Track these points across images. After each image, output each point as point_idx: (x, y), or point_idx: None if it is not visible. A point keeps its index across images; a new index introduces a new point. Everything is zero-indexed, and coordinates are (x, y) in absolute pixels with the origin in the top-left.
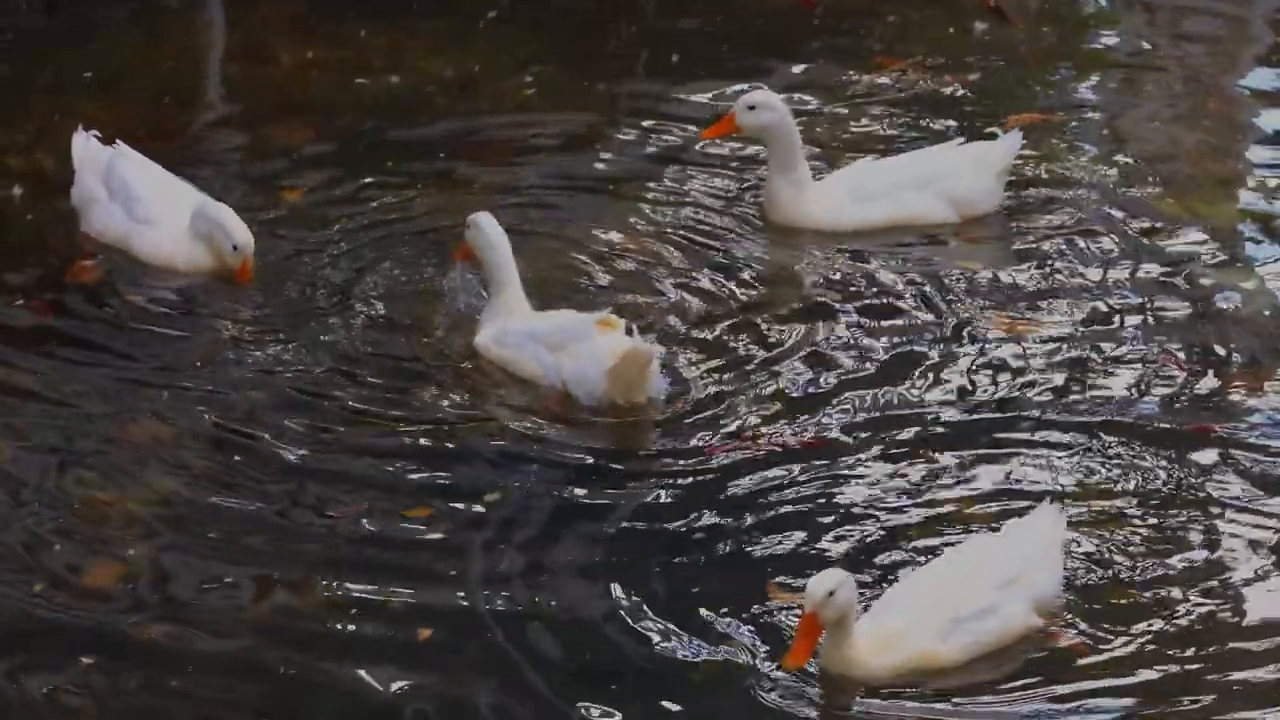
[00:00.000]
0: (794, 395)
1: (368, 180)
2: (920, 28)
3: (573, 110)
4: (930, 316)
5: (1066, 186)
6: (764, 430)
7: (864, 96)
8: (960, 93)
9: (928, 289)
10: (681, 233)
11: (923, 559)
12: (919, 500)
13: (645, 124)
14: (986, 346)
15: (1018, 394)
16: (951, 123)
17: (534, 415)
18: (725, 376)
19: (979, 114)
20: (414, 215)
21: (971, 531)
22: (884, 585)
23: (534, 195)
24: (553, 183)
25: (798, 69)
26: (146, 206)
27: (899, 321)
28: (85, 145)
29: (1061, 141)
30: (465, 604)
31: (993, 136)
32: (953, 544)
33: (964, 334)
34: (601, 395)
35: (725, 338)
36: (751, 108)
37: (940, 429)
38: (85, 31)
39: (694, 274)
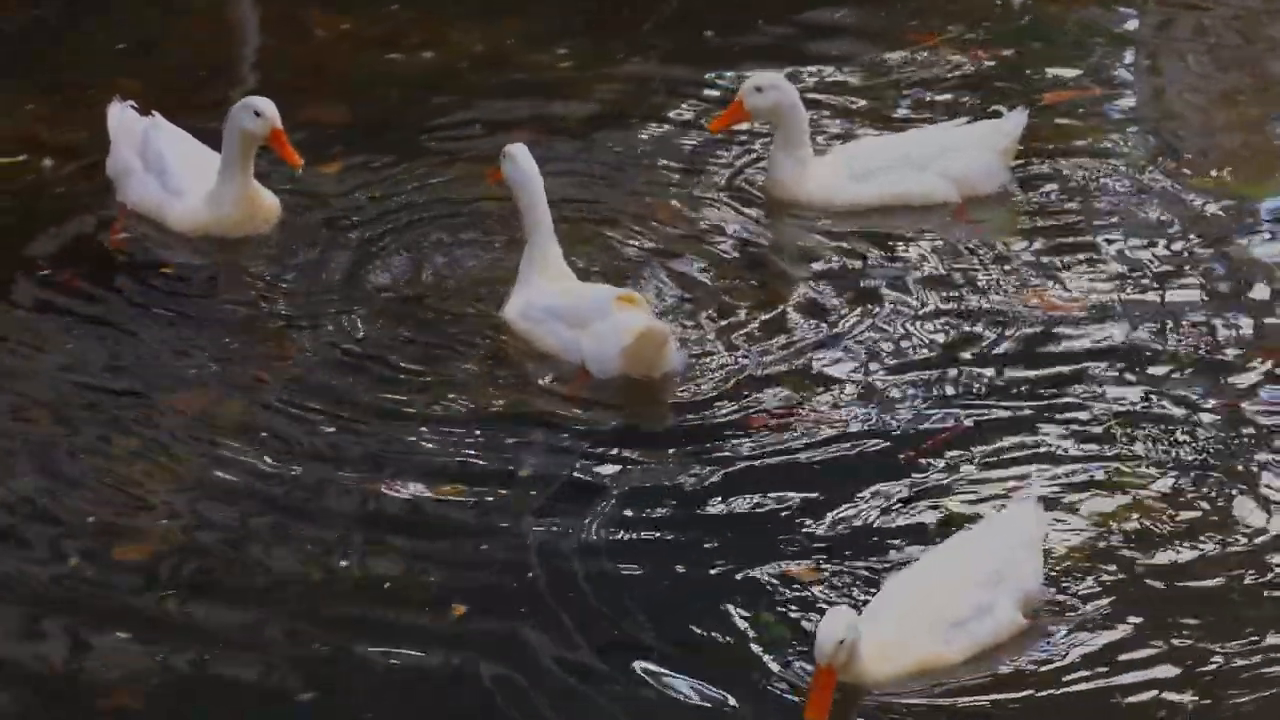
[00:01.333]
0: (828, 372)
1: (400, 155)
2: (956, 2)
3: (605, 84)
4: (963, 293)
5: (1101, 162)
6: (803, 404)
7: (895, 72)
8: (993, 69)
9: (959, 264)
10: (702, 209)
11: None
12: (954, 479)
13: (676, 99)
14: (1019, 321)
15: (1051, 369)
16: (978, 99)
17: (560, 391)
18: (752, 351)
19: (1011, 90)
20: (446, 190)
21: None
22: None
23: (564, 170)
24: (582, 159)
25: (830, 44)
26: (180, 177)
27: (932, 297)
28: (121, 115)
29: (1098, 117)
30: (498, 580)
31: (998, 115)
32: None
33: (996, 310)
34: (616, 372)
35: (745, 315)
36: (759, 89)
37: (977, 404)
38: (118, 2)
39: (710, 250)
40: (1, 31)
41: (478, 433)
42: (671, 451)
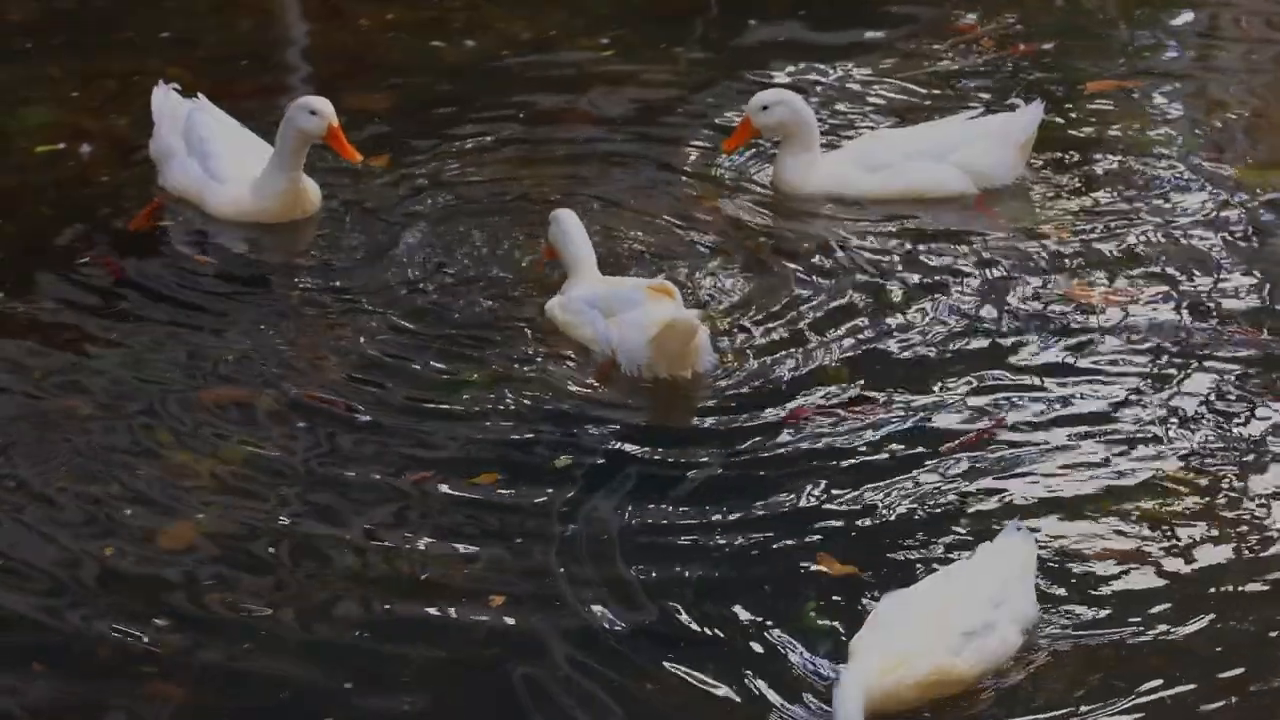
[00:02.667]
0: (871, 364)
1: (443, 144)
2: None
3: (650, 73)
4: (1005, 286)
5: (1144, 154)
6: (851, 396)
7: (936, 64)
8: (1034, 60)
9: (996, 257)
10: (735, 203)
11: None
12: (1006, 475)
13: (718, 88)
14: (1060, 314)
15: (1093, 363)
16: (1018, 91)
17: (595, 382)
18: (787, 344)
19: (1053, 81)
20: (489, 180)
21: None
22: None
23: (604, 160)
24: (622, 150)
25: (873, 35)
26: (222, 162)
27: (972, 290)
28: (165, 98)
29: (1141, 109)
30: (534, 570)
31: (1012, 108)
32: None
33: (1037, 304)
34: (644, 365)
35: (779, 309)
36: (765, 107)
37: (1020, 401)
38: None
39: (741, 244)
40: (48, 18)
41: (512, 423)
42: (711, 442)
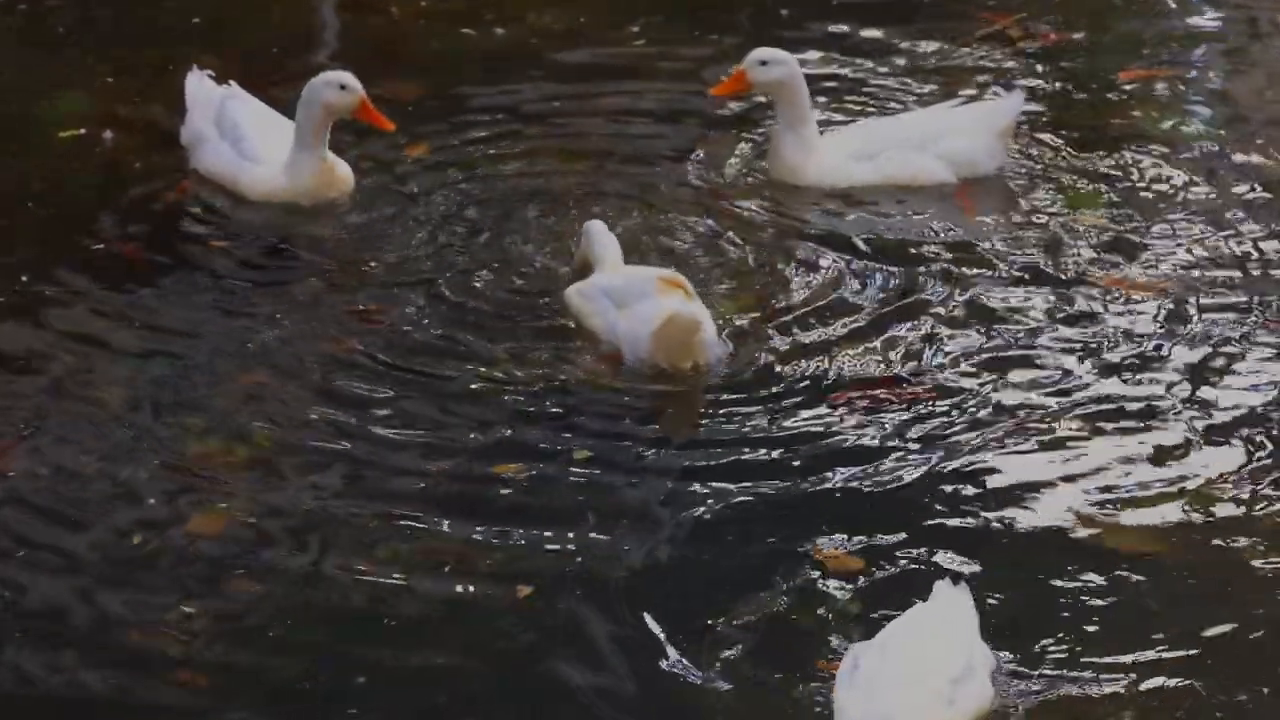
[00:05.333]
0: (898, 351)
1: (473, 132)
2: None
3: (680, 64)
4: (1031, 275)
5: (1171, 144)
6: (891, 382)
7: (965, 53)
8: (1064, 48)
9: (1023, 246)
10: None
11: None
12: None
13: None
14: (1090, 305)
15: (1125, 354)
16: (1047, 80)
17: (601, 371)
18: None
19: (1081, 71)
20: (517, 169)
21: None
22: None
23: (631, 154)
24: (650, 140)
25: (904, 24)
26: (255, 145)
27: (998, 278)
28: (199, 84)
29: (1168, 99)
30: (563, 561)
31: (995, 96)
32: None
33: (1067, 293)
34: (647, 358)
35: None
36: (764, 63)
37: (1056, 391)
38: None
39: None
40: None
41: (539, 409)
42: (733, 429)
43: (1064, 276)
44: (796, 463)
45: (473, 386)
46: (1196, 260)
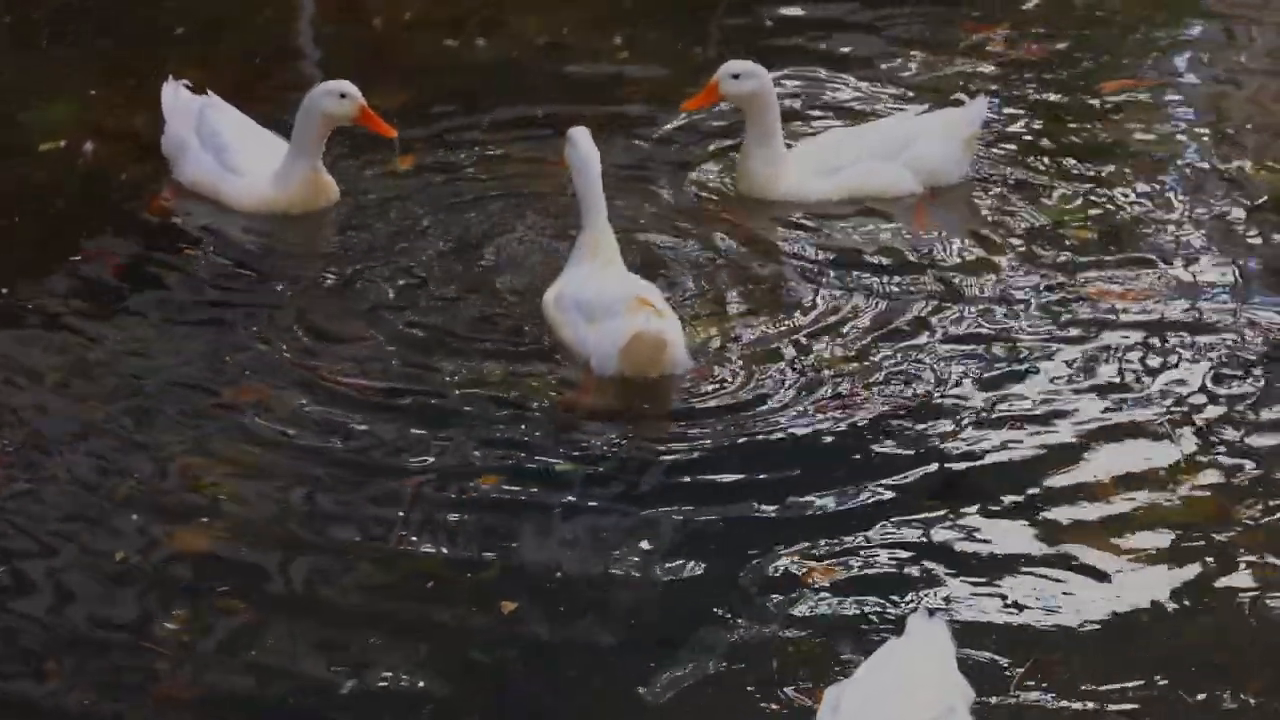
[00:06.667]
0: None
1: (458, 142)
2: None
3: (664, 73)
4: (1013, 285)
5: (1154, 155)
6: (869, 392)
7: (948, 63)
8: (1047, 59)
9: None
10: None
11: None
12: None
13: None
14: (1077, 314)
15: (1111, 364)
16: (1030, 91)
17: (582, 386)
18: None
19: (1062, 81)
20: (501, 179)
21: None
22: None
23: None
24: (632, 151)
25: (888, 33)
26: (237, 154)
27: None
28: (175, 94)
29: (1154, 109)
30: (548, 576)
31: (958, 103)
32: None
33: (1051, 303)
34: (614, 373)
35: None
36: (736, 76)
37: (1040, 404)
38: None
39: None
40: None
41: (519, 421)
42: (709, 444)
43: (1045, 288)
44: (773, 476)
45: (452, 403)
46: (1181, 273)
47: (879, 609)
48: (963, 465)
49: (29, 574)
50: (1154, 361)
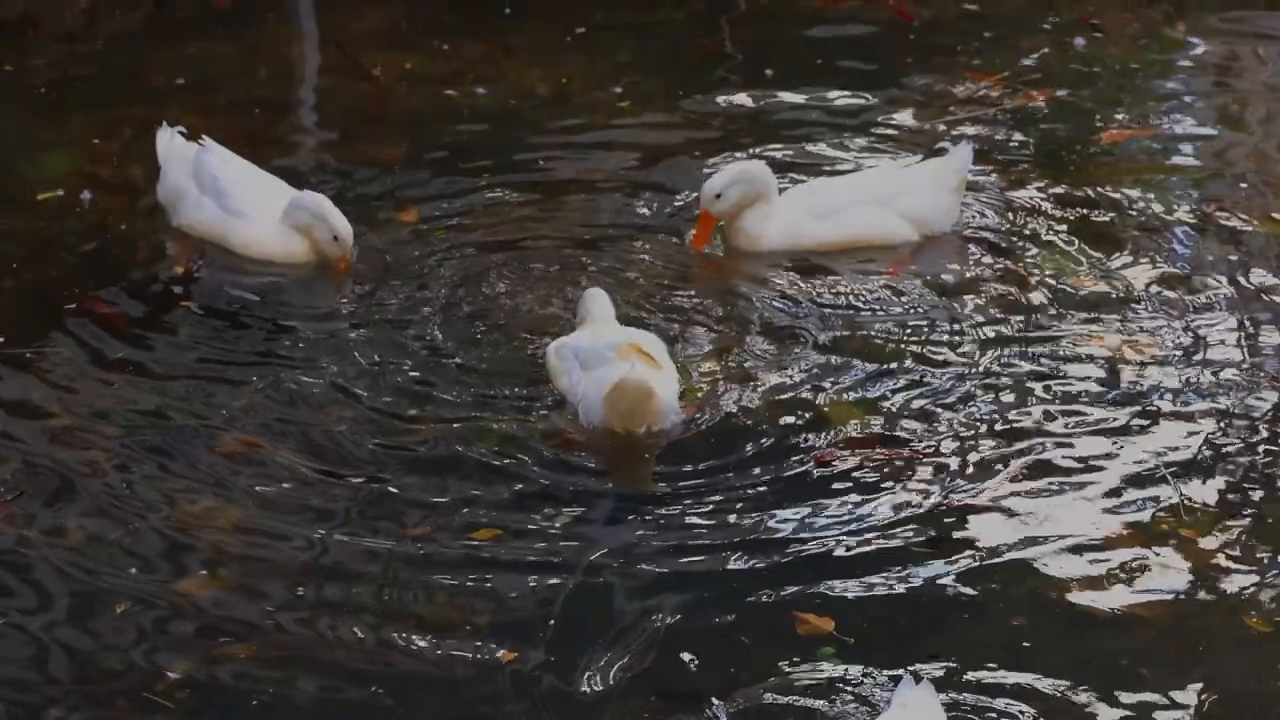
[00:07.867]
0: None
1: (459, 193)
2: (1017, 43)
3: (665, 122)
4: (1022, 334)
5: (1154, 204)
6: (874, 440)
7: (949, 111)
8: (1047, 108)
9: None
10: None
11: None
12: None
13: (733, 138)
14: (1080, 363)
15: (1113, 414)
16: (1030, 139)
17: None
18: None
19: (1062, 131)
20: (501, 231)
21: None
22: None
23: (609, 217)
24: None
25: (889, 82)
26: (238, 199)
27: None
28: (170, 141)
29: (1153, 158)
30: (544, 627)
31: (943, 152)
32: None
33: (1056, 352)
34: (599, 422)
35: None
36: (718, 195)
37: (1037, 453)
38: (179, 37)
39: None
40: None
41: (518, 473)
42: (717, 495)
43: (1046, 337)
44: (767, 526)
45: (451, 455)
46: (1185, 320)
47: (872, 671)
48: (954, 516)
49: (29, 626)
50: (1155, 409)
